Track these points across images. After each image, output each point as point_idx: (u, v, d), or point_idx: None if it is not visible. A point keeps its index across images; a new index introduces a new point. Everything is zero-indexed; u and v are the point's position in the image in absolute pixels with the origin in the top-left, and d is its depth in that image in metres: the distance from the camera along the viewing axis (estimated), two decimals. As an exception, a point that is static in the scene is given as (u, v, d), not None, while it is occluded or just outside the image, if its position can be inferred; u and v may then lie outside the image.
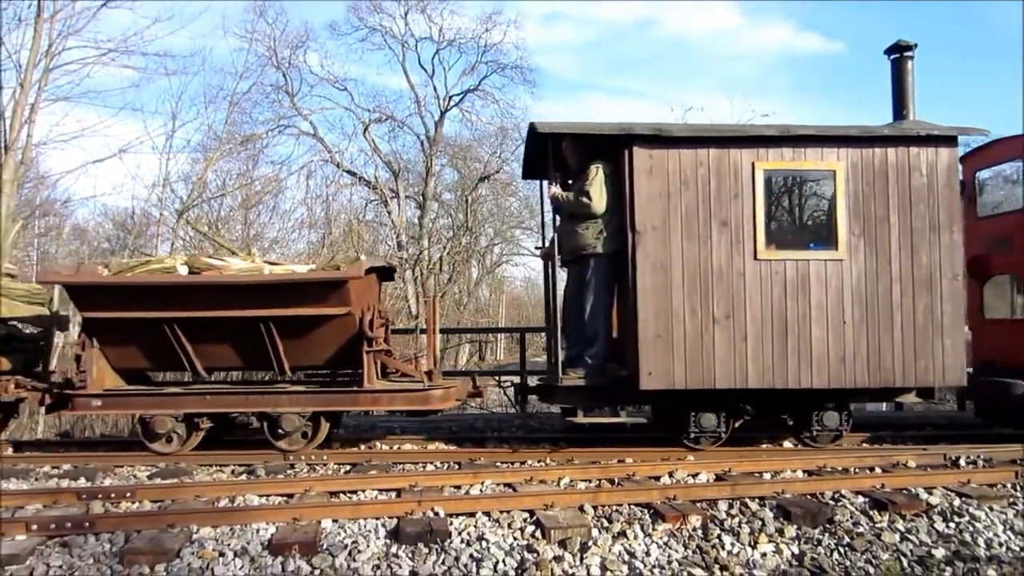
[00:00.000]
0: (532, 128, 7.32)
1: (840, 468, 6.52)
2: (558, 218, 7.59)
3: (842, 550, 4.73)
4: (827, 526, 5.06)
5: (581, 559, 4.55)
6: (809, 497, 5.58)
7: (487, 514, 5.21)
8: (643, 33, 59.82)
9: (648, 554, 4.66)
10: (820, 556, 4.64)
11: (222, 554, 4.55)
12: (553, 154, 7.36)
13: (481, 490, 5.98)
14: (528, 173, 9.16)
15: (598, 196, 7.04)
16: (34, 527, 4.79)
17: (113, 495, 5.64)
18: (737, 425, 7.26)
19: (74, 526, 4.82)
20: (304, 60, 26.92)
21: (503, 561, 4.52)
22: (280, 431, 7.13)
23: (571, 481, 6.20)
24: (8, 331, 7.76)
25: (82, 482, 6.36)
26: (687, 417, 7.05)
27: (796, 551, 4.72)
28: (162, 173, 21.19)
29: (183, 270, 7.04)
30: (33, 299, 8.33)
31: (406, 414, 8.85)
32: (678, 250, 6.79)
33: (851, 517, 5.20)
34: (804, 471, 6.48)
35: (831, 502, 5.50)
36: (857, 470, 6.50)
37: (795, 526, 5.03)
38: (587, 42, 58.06)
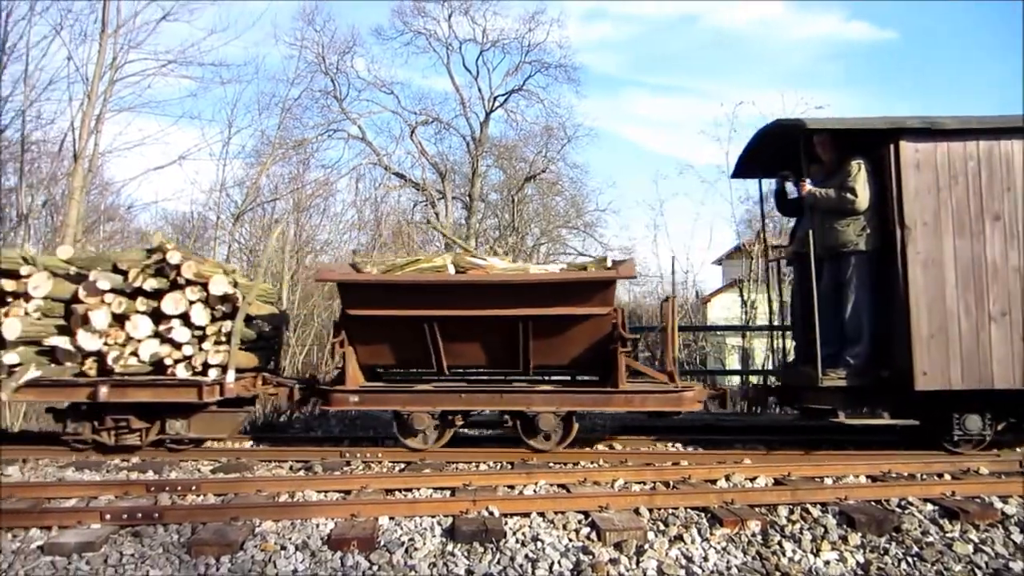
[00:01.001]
0: (772, 126, 7.40)
1: (906, 474, 6.36)
2: (812, 216, 7.45)
3: (911, 560, 4.59)
4: (894, 534, 4.92)
5: (637, 562, 4.52)
6: (874, 503, 5.44)
7: (541, 515, 5.20)
8: (686, 28, 59.12)
9: (706, 559, 4.60)
10: (887, 566, 4.51)
11: (283, 547, 4.64)
12: (805, 150, 7.36)
13: (535, 490, 5.99)
14: (742, 172, 9.07)
15: (862, 192, 6.99)
16: (107, 517, 4.97)
17: (179, 488, 5.81)
18: (1000, 428, 7.05)
19: (144, 517, 4.98)
20: (351, 65, 27.46)
21: (558, 562, 4.51)
22: (535, 430, 7.20)
23: (625, 483, 6.16)
24: (255, 329, 8.02)
25: (150, 475, 6.58)
26: (949, 419, 6.90)
27: (861, 560, 4.60)
28: (219, 179, 21.78)
29: (451, 269, 7.18)
30: (268, 298, 8.64)
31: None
32: (949, 246, 6.73)
33: (920, 526, 5.05)
34: (867, 476, 6.33)
35: (897, 509, 5.35)
36: (925, 476, 6.33)
37: (859, 534, 4.91)
38: (630, 38, 57.61)
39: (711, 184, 15.68)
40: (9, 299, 7.14)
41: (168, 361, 7.19)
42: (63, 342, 7.21)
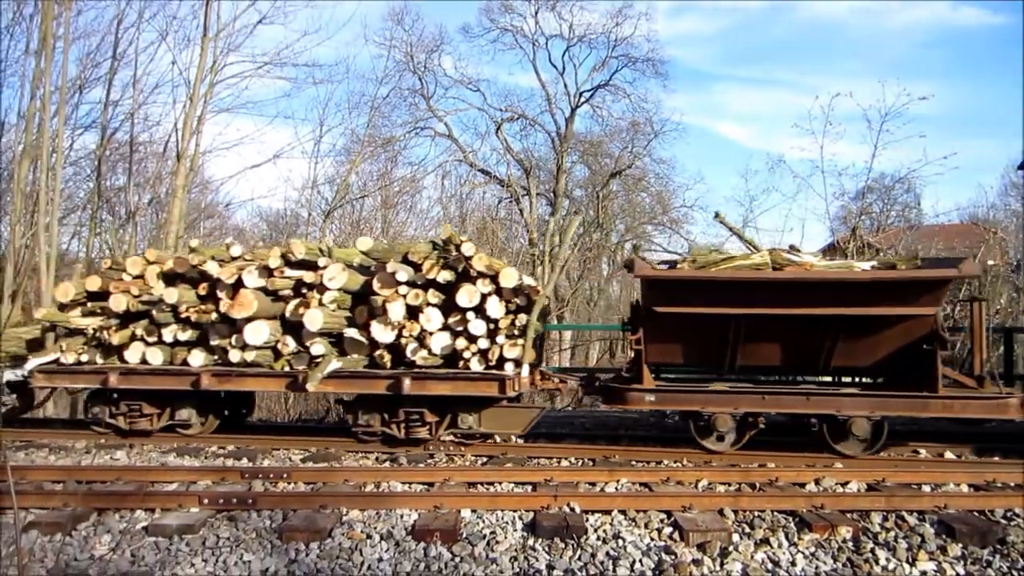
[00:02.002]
0: None
1: (1012, 484, 6.00)
2: None
3: (1016, 574, 4.34)
4: (997, 547, 4.65)
5: (721, 564, 4.43)
6: (976, 514, 5.16)
7: (623, 512, 5.17)
8: (778, 18, 56.94)
9: (793, 564, 4.47)
10: (988, 578, 4.28)
11: (369, 536, 4.77)
12: None
13: (617, 488, 5.95)
14: None
15: None
16: (205, 501, 5.23)
17: (272, 475, 6.06)
18: None
19: (239, 502, 5.22)
20: (439, 63, 27.81)
21: (640, 561, 4.47)
22: (845, 434, 6.94)
23: (709, 484, 6.05)
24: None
25: (244, 462, 6.88)
26: None
27: (961, 571, 4.37)
28: (310, 176, 22.53)
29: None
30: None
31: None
32: None
33: (1026, 538, 4.77)
34: (969, 485, 6.01)
35: (1002, 521, 5.06)
36: (1032, 487, 5.96)
37: (960, 544, 4.67)
38: (719, 31, 56.08)
39: (804, 179, 15.18)
40: (304, 290, 7.36)
41: (466, 354, 7.16)
42: (354, 333, 7.35)
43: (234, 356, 7.41)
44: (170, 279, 7.90)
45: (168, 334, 7.70)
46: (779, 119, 60.82)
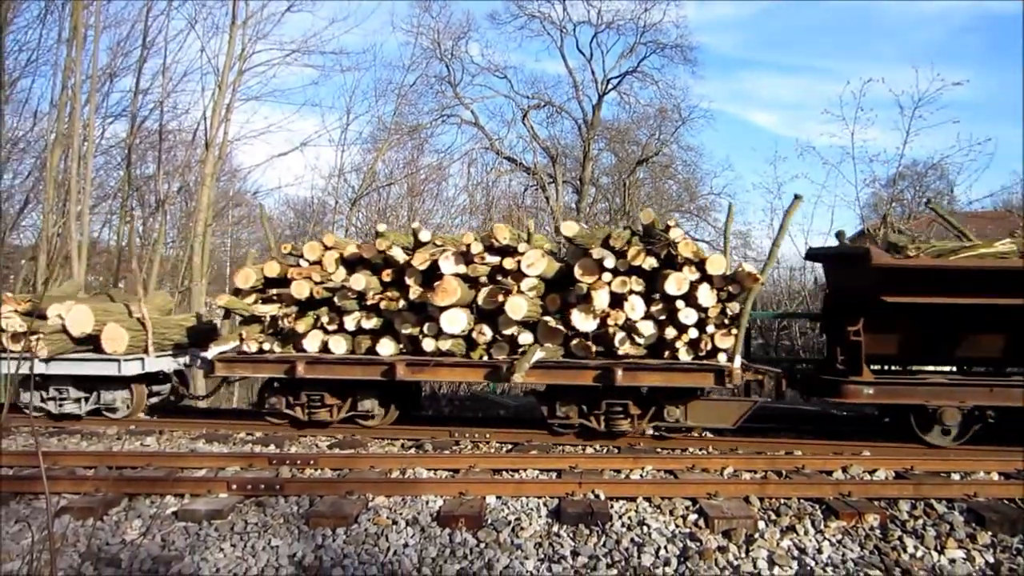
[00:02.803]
0: None
1: (1044, 472, 5.90)
2: None
3: (1046, 562, 4.28)
4: (1028, 535, 4.59)
5: (747, 551, 4.41)
6: (1006, 502, 5.08)
7: (648, 500, 5.17)
8: (811, 4, 55.94)
9: (820, 551, 4.44)
10: (1020, 567, 4.21)
11: (395, 522, 4.82)
12: None
13: (641, 475, 5.94)
14: None
15: None
16: (234, 486, 5.31)
17: (299, 462, 6.13)
18: None
19: (267, 488, 5.29)
20: (466, 51, 27.63)
21: (665, 548, 4.47)
22: None
23: (735, 471, 6.02)
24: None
25: (272, 448, 6.96)
26: None
27: (991, 560, 4.31)
28: (337, 164, 22.63)
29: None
30: None
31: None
32: None
33: (1058, 527, 4.68)
34: (1000, 473, 5.91)
35: (1033, 509, 4.99)
36: (1065, 476, 5.85)
37: (990, 533, 4.60)
38: (749, 16, 55.16)
39: (834, 166, 14.92)
40: (499, 276, 7.17)
41: (677, 344, 6.93)
42: (552, 321, 7.14)
43: (427, 345, 7.24)
44: (350, 265, 7.72)
45: (350, 322, 7.54)
46: (809, 106, 59.84)
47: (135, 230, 18.90)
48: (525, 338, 7.17)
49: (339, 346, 7.56)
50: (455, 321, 7.06)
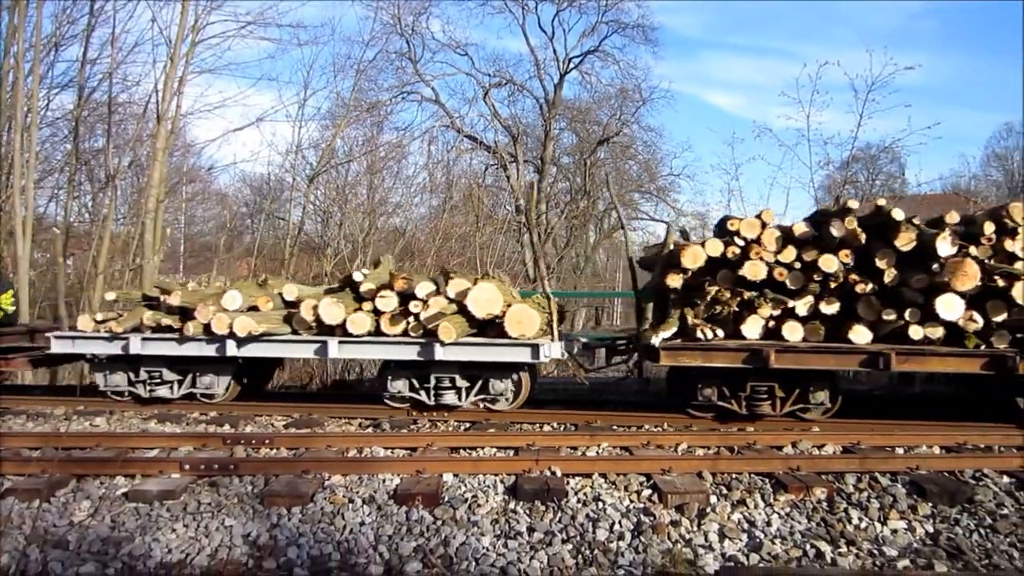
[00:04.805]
0: None
1: (983, 446, 6.11)
2: None
3: (983, 532, 4.44)
4: (966, 506, 4.76)
5: (699, 525, 4.51)
6: (946, 475, 5.27)
7: (604, 476, 5.23)
8: (772, -14, 56.38)
9: (769, 524, 4.55)
10: (958, 536, 4.38)
11: (351, 501, 4.81)
12: None
13: (598, 452, 6.01)
14: None
15: None
16: (187, 467, 5.24)
17: (254, 441, 6.07)
18: None
19: (221, 468, 5.23)
20: (427, 26, 27.26)
21: (619, 523, 4.54)
22: None
23: (689, 447, 6.12)
24: None
25: (226, 428, 6.87)
26: None
27: (931, 529, 4.47)
28: (295, 140, 22.27)
29: None
30: None
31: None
32: None
33: (994, 498, 4.87)
34: (941, 447, 6.11)
35: (971, 481, 5.18)
36: (1003, 448, 6.07)
37: (930, 504, 4.77)
38: (711, -2, 55.45)
39: (790, 148, 15.10)
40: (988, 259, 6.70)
41: None
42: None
43: (914, 333, 6.74)
44: (797, 244, 7.13)
45: (802, 307, 7.09)
46: (767, 88, 60.63)
47: (84, 205, 18.39)
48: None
49: (795, 333, 7.01)
50: (952, 307, 6.59)
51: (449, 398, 7.42)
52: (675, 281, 7.20)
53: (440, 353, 7.05)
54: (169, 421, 7.18)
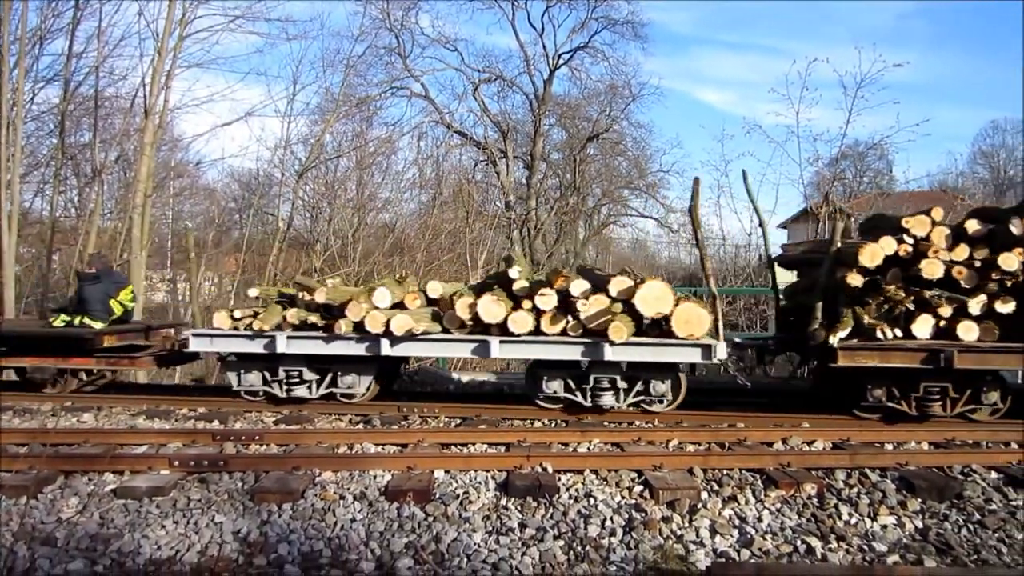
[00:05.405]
0: None
1: (971, 442, 6.16)
2: None
3: (972, 527, 4.47)
4: (955, 501, 4.80)
5: (690, 521, 4.51)
6: (935, 471, 5.30)
7: (595, 472, 5.23)
8: (762, -17, 56.47)
9: (760, 520, 4.57)
10: (947, 532, 4.41)
11: (342, 497, 4.79)
12: None
13: (589, 448, 6.02)
14: None
15: None
16: (176, 463, 5.20)
17: (243, 437, 6.03)
18: None
19: (210, 464, 5.19)
20: (416, 22, 27.21)
21: (611, 519, 4.54)
22: None
23: (680, 443, 6.14)
24: None
25: (216, 424, 6.84)
26: None
27: (920, 525, 4.50)
28: (283, 135, 22.11)
29: None
30: None
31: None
32: None
33: (983, 493, 4.91)
34: (930, 443, 6.16)
35: (960, 477, 5.21)
36: (990, 444, 6.12)
37: (919, 500, 4.80)
38: (700, -6, 55.58)
39: (779, 145, 15.13)
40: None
41: None
42: None
43: None
44: (969, 242, 6.95)
45: (974, 306, 6.80)
46: (757, 85, 60.95)
47: (70, 200, 18.23)
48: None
49: (970, 333, 6.74)
50: None
51: (607, 399, 7.20)
52: (856, 280, 6.97)
53: (609, 353, 6.87)
54: (158, 417, 7.13)
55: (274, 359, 7.47)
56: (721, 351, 6.96)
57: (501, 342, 7.14)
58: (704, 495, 4.85)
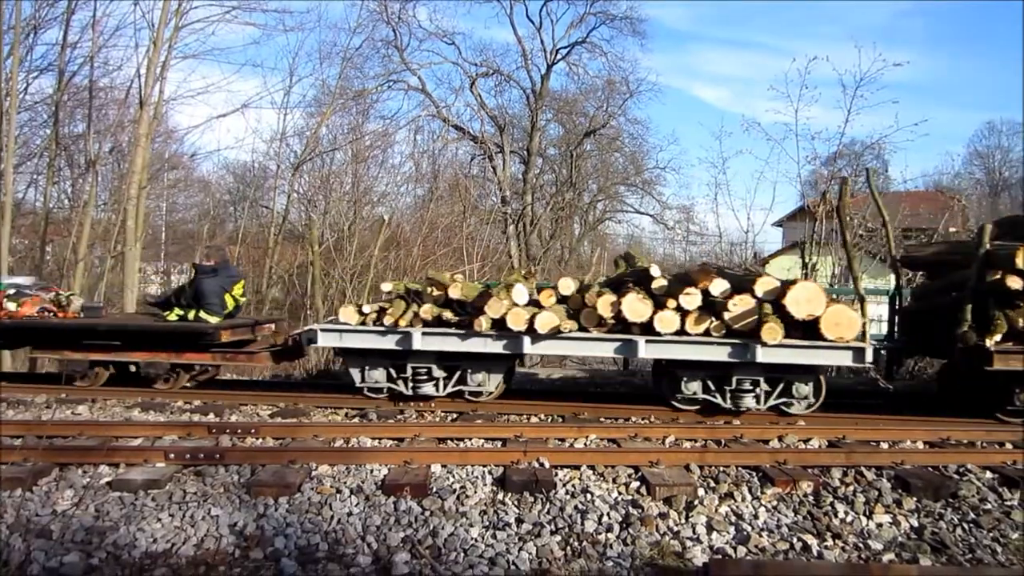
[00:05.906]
0: None
1: (966, 441, 6.18)
2: None
3: (967, 526, 4.49)
4: (950, 500, 4.81)
5: (686, 517, 4.52)
6: (931, 469, 5.32)
7: (592, 468, 5.23)
8: (760, -21, 56.62)
9: (756, 517, 4.57)
10: (942, 530, 4.42)
11: (339, 491, 4.78)
12: None
13: (586, 444, 6.02)
14: None
15: None
16: (172, 456, 5.18)
17: (239, 430, 6.02)
18: None
19: (206, 457, 5.18)
20: (413, 14, 27.25)
21: (607, 515, 4.54)
22: None
23: (676, 440, 6.15)
24: None
25: (212, 417, 6.81)
26: None
27: (915, 524, 4.51)
28: (279, 128, 22.06)
29: None
30: None
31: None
32: None
33: (977, 493, 4.92)
34: (925, 442, 6.18)
35: (955, 476, 5.23)
36: (985, 444, 6.15)
37: (915, 498, 4.81)
38: (699, -10, 55.59)
39: (777, 142, 15.14)
40: None
41: None
42: None
43: None
44: None
45: None
46: (754, 82, 60.98)
47: (63, 191, 18.15)
48: None
49: None
50: None
51: (748, 401, 7.04)
52: (1016, 283, 6.77)
53: (760, 354, 6.71)
54: (153, 410, 7.10)
55: (403, 355, 7.31)
56: (870, 354, 6.87)
57: (647, 341, 6.97)
58: (701, 492, 4.85)
